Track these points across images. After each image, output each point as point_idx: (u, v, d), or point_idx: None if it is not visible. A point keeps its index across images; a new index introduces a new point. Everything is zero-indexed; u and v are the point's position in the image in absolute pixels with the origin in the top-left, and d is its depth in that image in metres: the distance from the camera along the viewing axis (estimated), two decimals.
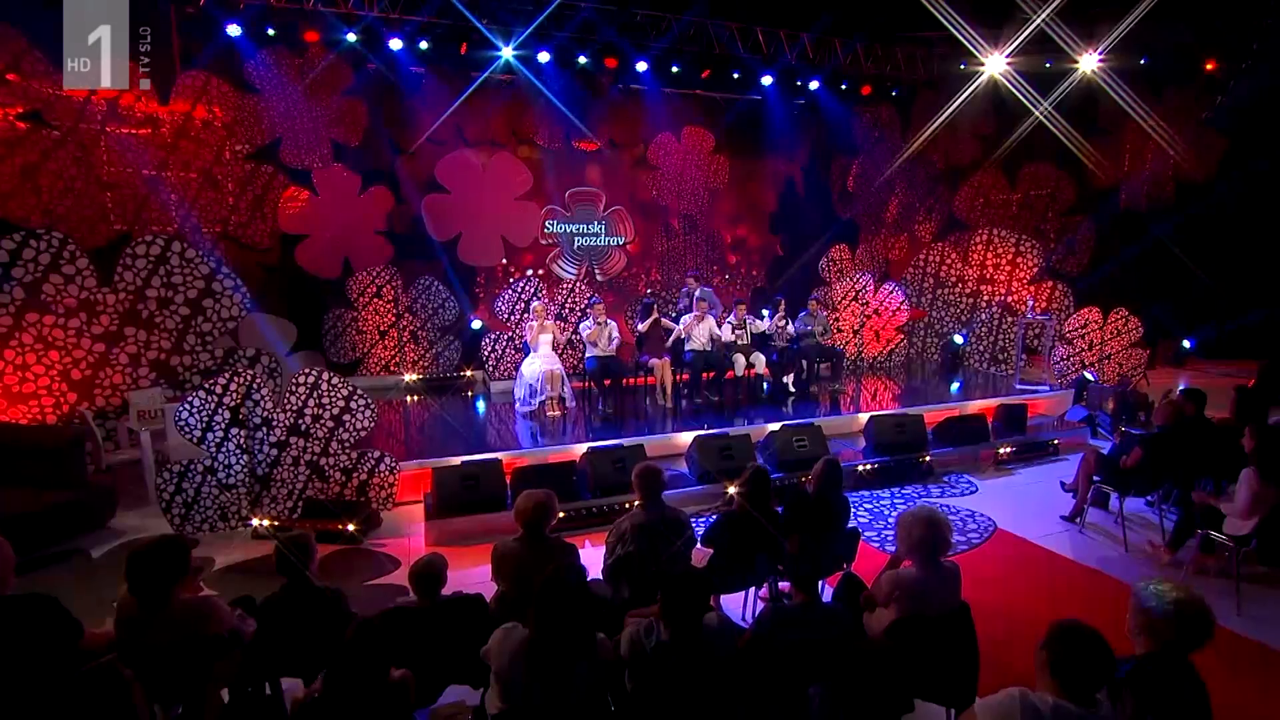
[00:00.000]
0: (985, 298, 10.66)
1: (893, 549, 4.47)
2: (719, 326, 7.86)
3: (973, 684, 2.79)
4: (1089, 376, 8.69)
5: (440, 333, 9.34)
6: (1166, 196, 11.91)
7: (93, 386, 6.20)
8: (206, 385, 4.97)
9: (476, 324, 9.73)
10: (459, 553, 4.72)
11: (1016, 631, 3.51)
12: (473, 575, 4.47)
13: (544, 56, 9.48)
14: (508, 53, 9.24)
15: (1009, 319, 10.42)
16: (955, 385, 9.29)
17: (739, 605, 3.80)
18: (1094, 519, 5.34)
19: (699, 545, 3.41)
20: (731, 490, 3.72)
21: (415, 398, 8.73)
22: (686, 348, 7.86)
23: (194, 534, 5.03)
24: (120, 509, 5.33)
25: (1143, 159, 11.96)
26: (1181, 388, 8.08)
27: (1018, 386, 8.88)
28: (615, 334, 7.46)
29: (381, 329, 9.10)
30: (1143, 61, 11.41)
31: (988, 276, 10.71)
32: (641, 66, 10.12)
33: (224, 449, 5.04)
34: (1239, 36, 11.23)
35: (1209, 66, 11.56)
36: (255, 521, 5.08)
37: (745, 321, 8.06)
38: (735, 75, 10.87)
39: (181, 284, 6.55)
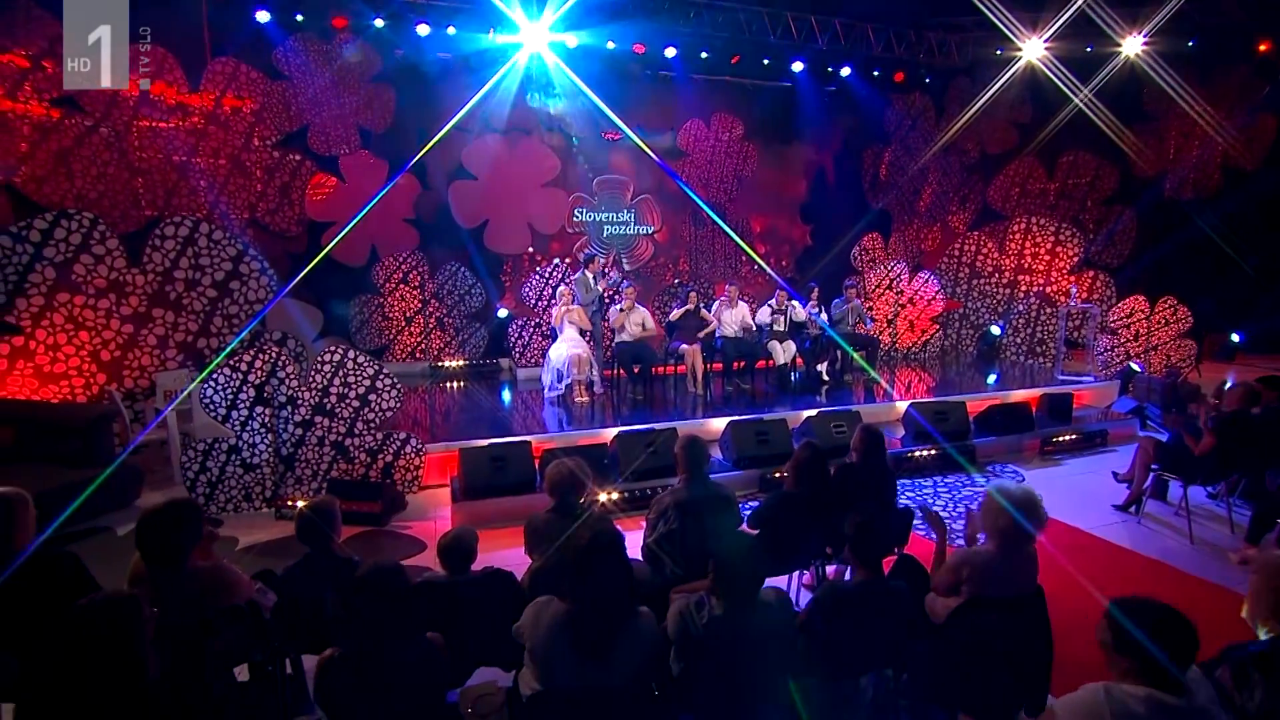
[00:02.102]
0: (1023, 288, 10.31)
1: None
2: (752, 315, 7.67)
3: (1045, 676, 2.57)
4: (1135, 367, 8.34)
5: (466, 320, 9.24)
6: (1213, 185, 11.43)
7: (121, 367, 6.18)
8: (231, 362, 4.89)
9: (503, 312, 9.62)
10: (487, 536, 4.52)
11: (1076, 624, 3.26)
12: (500, 559, 4.31)
13: (572, 41, 9.34)
14: (535, 40, 9.12)
15: (1047, 310, 10.09)
16: (992, 377, 8.98)
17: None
18: (1151, 509, 5.06)
19: (743, 528, 3.22)
20: (782, 471, 3.52)
21: (443, 384, 8.64)
22: (718, 334, 7.67)
23: (217, 514, 4.96)
24: (146, 489, 5.28)
25: (1189, 146, 11.49)
26: (1230, 382, 7.77)
27: (1060, 377, 8.55)
28: (649, 321, 7.29)
29: (407, 315, 9.03)
30: (1190, 44, 10.95)
31: (1026, 266, 10.36)
32: (670, 53, 9.96)
33: (248, 428, 4.96)
34: None
35: (1262, 48, 11.06)
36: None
37: (786, 307, 7.84)
38: (766, 62, 10.64)
39: (209, 265, 6.51)
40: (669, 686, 2.16)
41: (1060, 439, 6.49)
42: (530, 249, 10.14)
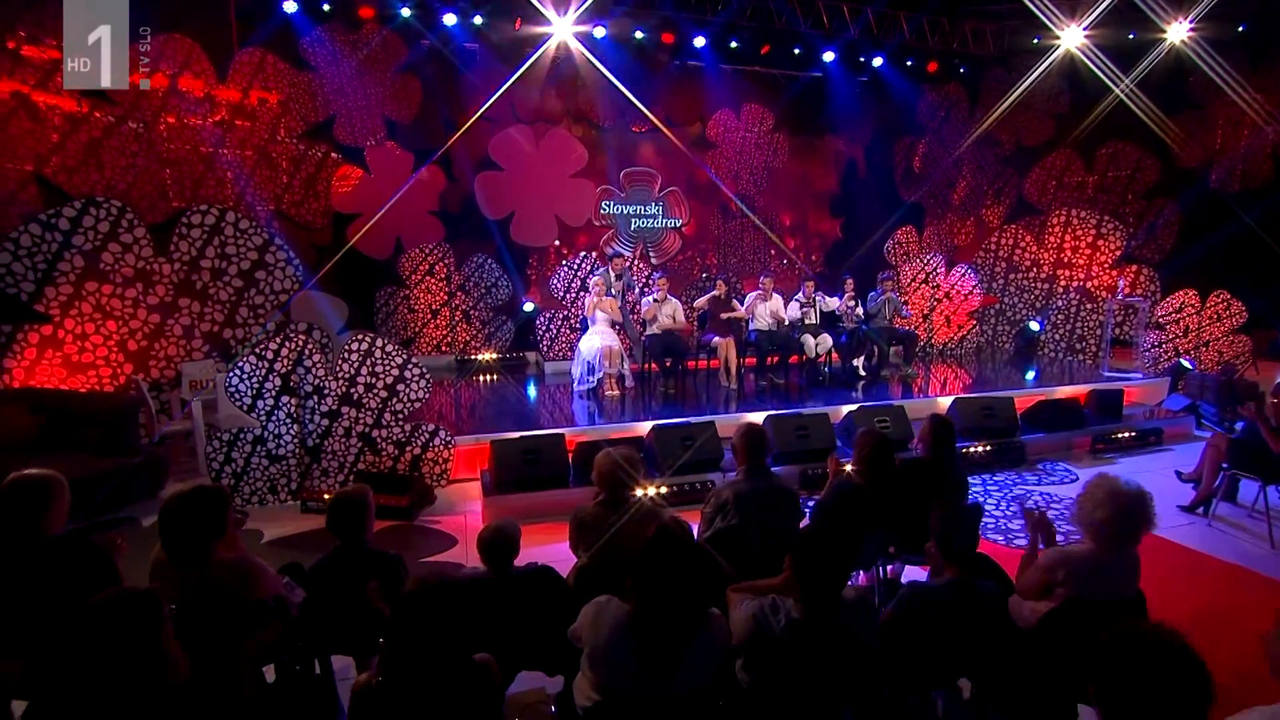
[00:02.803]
0: (1062, 283, 9.96)
1: (997, 537, 4.00)
2: (784, 306, 7.44)
3: None
4: (1185, 364, 7.98)
5: (493, 312, 9.10)
6: (1263, 176, 10.97)
7: (148, 357, 6.10)
8: (257, 349, 4.77)
9: (529, 306, 9.48)
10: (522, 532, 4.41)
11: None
12: (533, 555, 4.14)
13: (599, 31, 9.18)
14: (563, 29, 8.97)
15: (1088, 305, 9.73)
16: (1031, 374, 8.66)
17: None
18: (1221, 511, 4.77)
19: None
20: (847, 465, 3.29)
21: (469, 377, 8.50)
22: (751, 327, 7.46)
23: (242, 506, 4.84)
24: (170, 479, 5.17)
25: (1237, 136, 11.04)
26: None
27: (1105, 374, 8.21)
28: (680, 314, 7.10)
29: (433, 308, 8.90)
30: (1240, 29, 10.52)
31: (1065, 260, 10.01)
32: (699, 42, 9.76)
33: (274, 418, 4.83)
34: None
35: None
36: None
37: (815, 300, 7.60)
38: (796, 51, 10.39)
39: (235, 255, 6.41)
40: (737, 698, 1.96)
41: (1118, 436, 6.19)
42: (556, 241, 9.99)
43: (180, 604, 2.03)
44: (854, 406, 6.05)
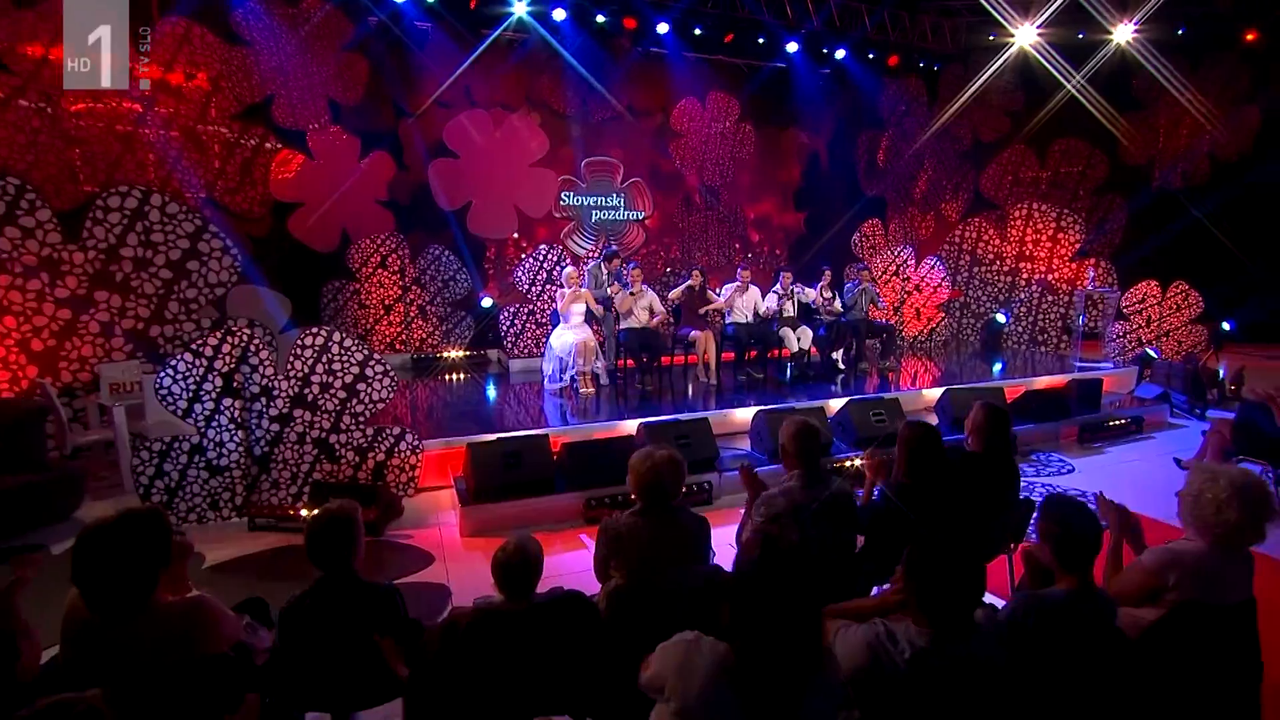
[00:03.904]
0: (1024, 275, 10.06)
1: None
2: (762, 298, 7.16)
3: (1255, 700, 2.07)
4: (1151, 353, 8.10)
5: (451, 308, 8.51)
6: (1201, 174, 11.40)
7: (56, 359, 5.32)
8: (194, 346, 4.14)
9: (487, 301, 8.93)
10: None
11: None
12: None
13: (559, 14, 8.73)
14: (520, 9, 8.50)
15: (1049, 298, 9.87)
16: (998, 365, 8.65)
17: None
18: None
19: None
20: (866, 457, 2.94)
21: (427, 377, 7.88)
22: (728, 320, 7.14)
23: (178, 525, 4.20)
24: (89, 498, 4.47)
25: (1178, 135, 11.45)
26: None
27: (1077, 364, 8.25)
28: (657, 305, 6.71)
29: (386, 303, 8.24)
30: (1180, 32, 10.89)
31: (1027, 254, 10.10)
32: (662, 28, 9.42)
33: (215, 423, 4.21)
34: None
35: (1249, 37, 11.06)
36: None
37: (792, 291, 7.34)
38: (760, 41, 10.19)
39: (163, 243, 5.68)
40: None
41: (1109, 425, 6.13)
42: (515, 234, 9.47)
43: (109, 674, 1.50)
44: (840, 402, 5.79)
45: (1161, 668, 1.99)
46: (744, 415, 5.76)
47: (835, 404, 5.92)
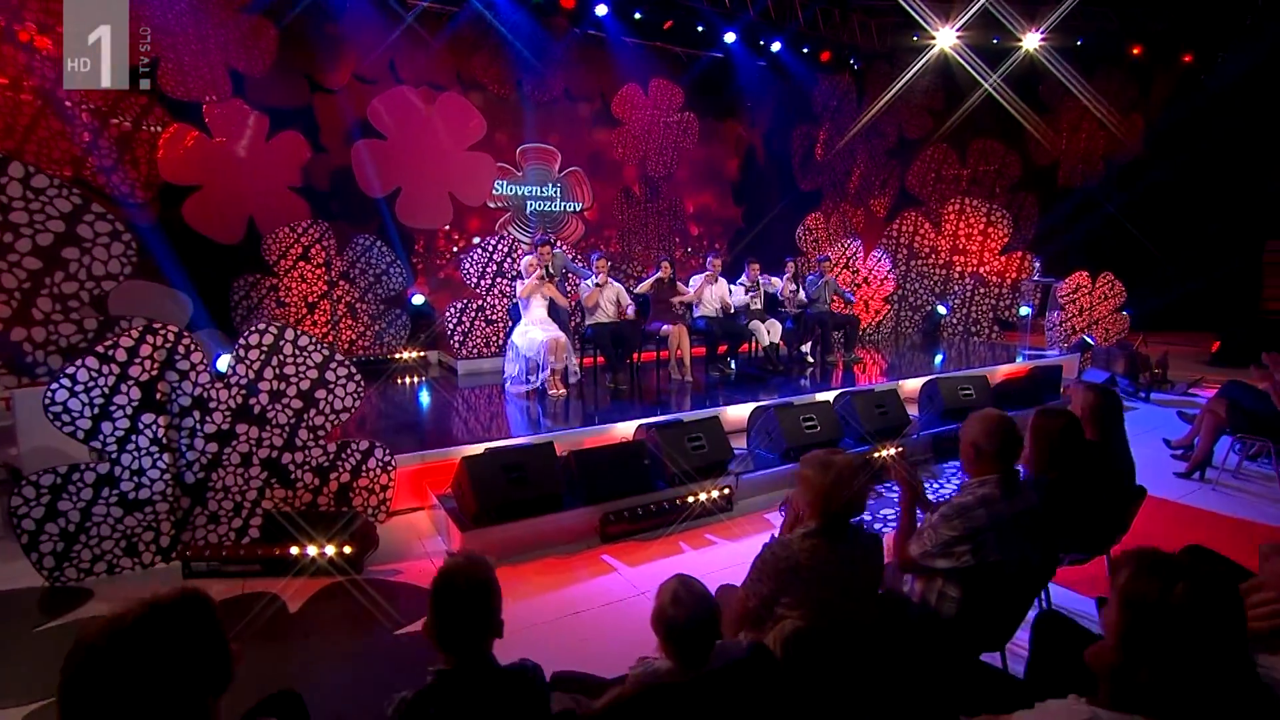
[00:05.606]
0: (958, 269, 10.36)
1: None
2: (729, 291, 6.81)
3: None
4: (1089, 340, 8.47)
5: (385, 305, 7.57)
6: (1097, 173, 12.28)
7: None
8: (100, 350, 3.22)
9: (418, 299, 8.07)
10: (509, 575, 3.30)
11: None
12: (530, 607, 3.08)
13: None
14: None
15: (981, 290, 10.22)
16: (939, 357, 8.78)
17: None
18: (1212, 474, 4.78)
19: None
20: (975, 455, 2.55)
21: (377, 382, 6.89)
22: (697, 314, 6.74)
23: (79, 579, 3.26)
24: None
25: (1077, 138, 12.28)
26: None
27: (1026, 352, 8.49)
28: (624, 298, 6.19)
29: (310, 300, 7.19)
30: (1079, 42, 11.67)
31: (960, 247, 10.41)
32: (601, 10, 8.93)
33: (130, 446, 3.29)
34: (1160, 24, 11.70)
35: (1135, 51, 12.01)
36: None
37: (759, 282, 7.04)
38: (699, 29, 9.92)
39: (27, 225, 4.54)
40: None
41: None
42: (447, 226, 8.65)
43: None
44: (829, 395, 5.51)
45: None
46: (735, 413, 5.36)
47: (820, 397, 5.64)
